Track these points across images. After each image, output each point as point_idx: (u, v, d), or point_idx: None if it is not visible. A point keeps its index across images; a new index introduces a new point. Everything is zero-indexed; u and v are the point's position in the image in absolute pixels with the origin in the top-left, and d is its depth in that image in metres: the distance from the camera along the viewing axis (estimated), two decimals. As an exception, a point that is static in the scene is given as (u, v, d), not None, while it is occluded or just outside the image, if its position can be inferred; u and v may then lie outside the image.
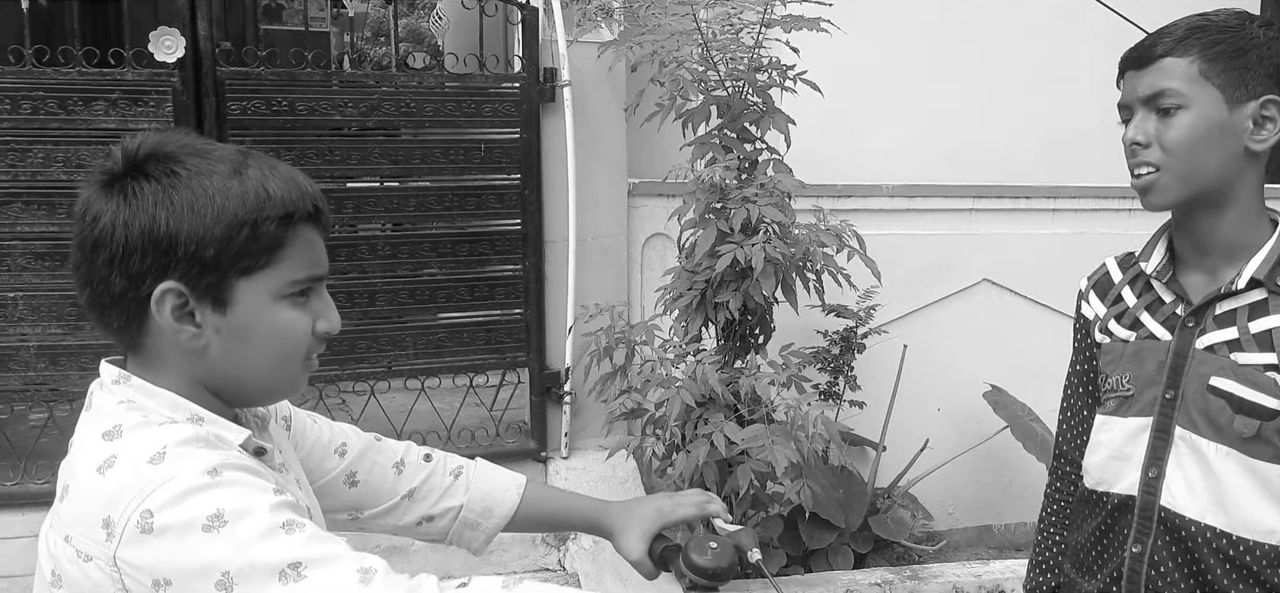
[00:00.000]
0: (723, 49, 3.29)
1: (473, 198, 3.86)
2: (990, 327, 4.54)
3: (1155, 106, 1.36)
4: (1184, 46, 1.34)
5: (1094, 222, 4.56)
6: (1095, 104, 4.61)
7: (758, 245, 3.08)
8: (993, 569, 3.54)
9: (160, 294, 0.99)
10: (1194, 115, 1.34)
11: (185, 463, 0.93)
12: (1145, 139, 1.37)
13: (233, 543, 0.90)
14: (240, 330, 1.03)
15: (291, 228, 1.03)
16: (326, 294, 1.11)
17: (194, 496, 0.91)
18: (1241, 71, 1.33)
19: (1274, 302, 1.36)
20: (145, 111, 3.41)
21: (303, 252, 1.05)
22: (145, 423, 0.98)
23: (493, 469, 1.49)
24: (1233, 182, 1.37)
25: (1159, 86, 1.35)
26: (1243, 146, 1.35)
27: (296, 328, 1.06)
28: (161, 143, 1.02)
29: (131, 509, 0.90)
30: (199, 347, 1.02)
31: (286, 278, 1.04)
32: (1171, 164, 1.36)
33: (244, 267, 1.01)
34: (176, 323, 1.01)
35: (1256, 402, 1.34)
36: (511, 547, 3.46)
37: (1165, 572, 1.44)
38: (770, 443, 2.99)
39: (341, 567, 0.93)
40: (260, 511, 0.93)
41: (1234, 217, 1.39)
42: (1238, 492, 1.37)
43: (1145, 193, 1.40)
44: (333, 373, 3.78)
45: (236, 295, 1.02)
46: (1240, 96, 1.33)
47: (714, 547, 1.33)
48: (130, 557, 0.90)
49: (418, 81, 3.78)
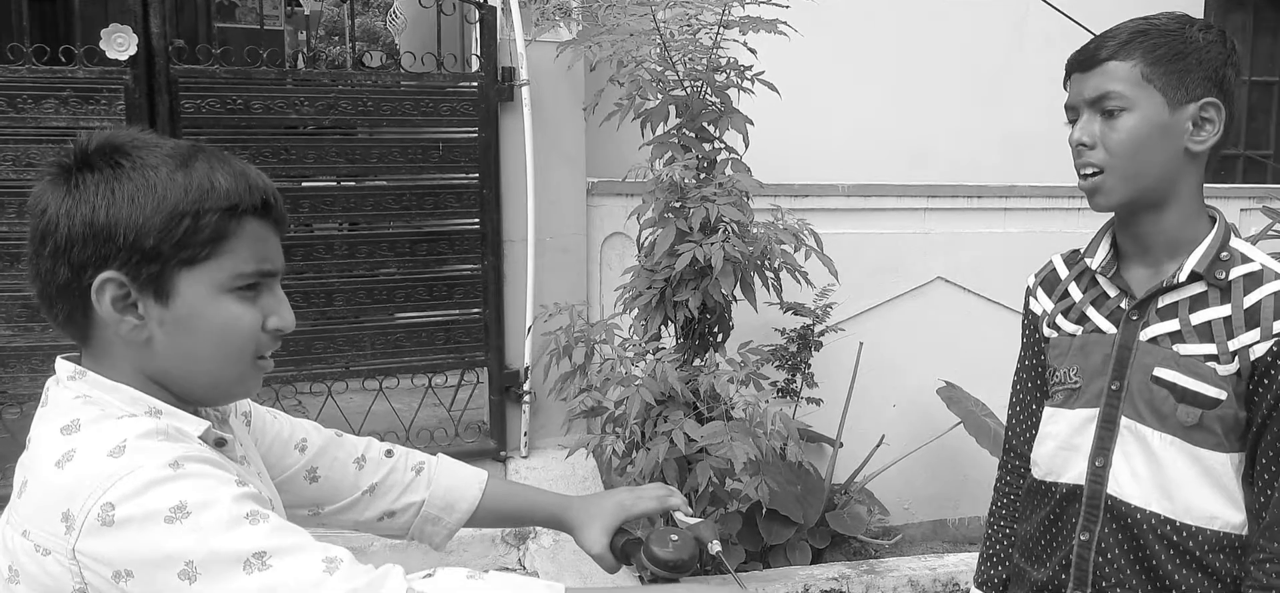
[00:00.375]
0: (681, 49, 3.31)
1: (431, 197, 3.84)
2: (944, 324, 4.61)
3: (1100, 108, 1.40)
4: (1127, 50, 1.38)
5: (1045, 220, 4.64)
6: (1045, 105, 4.71)
7: (717, 244, 3.10)
8: (948, 563, 3.59)
9: (100, 284, 0.99)
10: (1137, 118, 1.37)
11: (146, 456, 0.93)
12: (1091, 140, 1.41)
13: (196, 534, 0.90)
14: (183, 323, 1.02)
15: (236, 220, 1.02)
16: (280, 291, 1.10)
17: (156, 487, 0.91)
18: (1182, 74, 1.37)
19: (1212, 294, 1.40)
20: (97, 109, 3.36)
21: (249, 245, 1.04)
22: (103, 417, 0.98)
23: (454, 465, 1.49)
24: (1174, 181, 1.41)
25: (1103, 89, 1.39)
26: (1183, 147, 1.39)
27: (242, 321, 1.05)
28: (112, 137, 1.02)
29: (91, 502, 0.90)
30: (141, 339, 1.02)
31: (231, 271, 1.03)
32: (1116, 165, 1.39)
33: (185, 257, 1.00)
34: (118, 313, 1.00)
35: (1198, 391, 1.39)
36: (471, 546, 3.45)
37: (1112, 559, 1.48)
38: (729, 440, 3.01)
39: (306, 557, 0.93)
40: (223, 501, 0.93)
41: (1175, 215, 1.43)
42: (1181, 479, 1.42)
43: (1092, 193, 1.44)
44: (289, 374, 3.75)
45: (178, 287, 1.01)
46: (1180, 98, 1.37)
47: (675, 539, 1.35)
48: (90, 548, 0.90)
49: (374, 80, 3.76)
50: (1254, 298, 1.37)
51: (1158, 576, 1.44)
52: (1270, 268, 1.39)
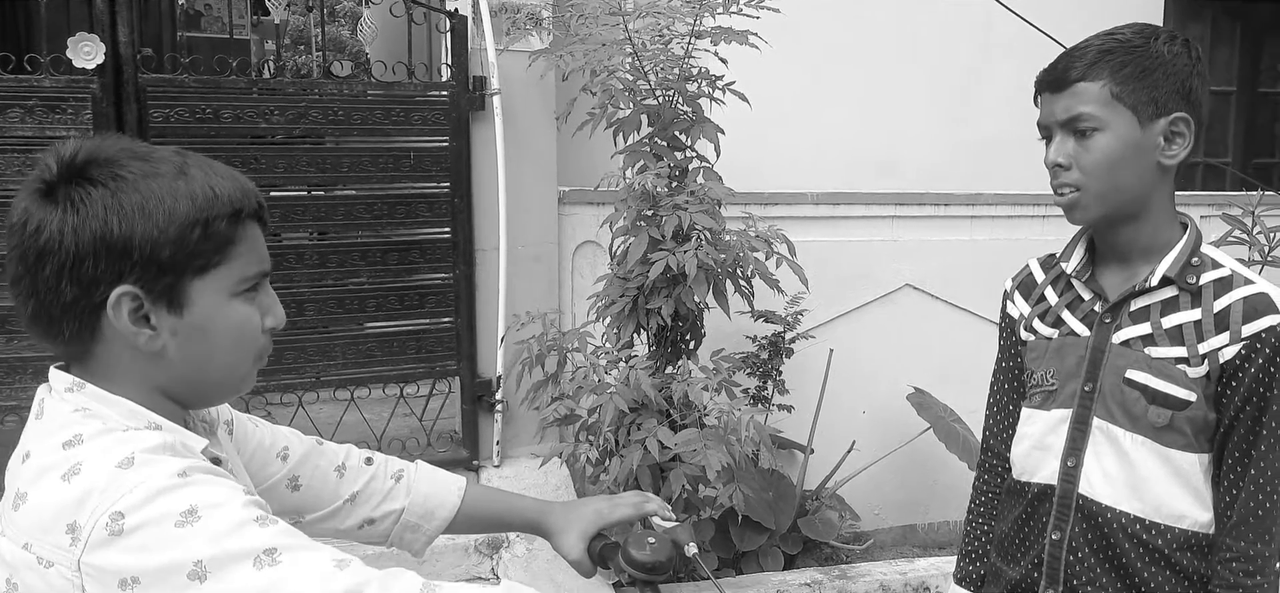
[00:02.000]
0: (653, 59, 3.33)
1: (402, 206, 3.83)
2: (913, 331, 4.65)
3: (1073, 129, 1.42)
4: (1095, 70, 1.40)
5: (1011, 228, 4.70)
6: (1010, 113, 4.76)
7: (690, 252, 3.12)
8: (918, 567, 3.63)
9: (117, 299, 0.98)
10: (1110, 137, 1.40)
11: (155, 469, 0.93)
12: (1066, 161, 1.43)
13: (205, 534, 0.90)
14: (197, 330, 1.03)
15: (239, 225, 1.04)
16: (271, 290, 1.12)
17: (165, 495, 0.91)
18: (1151, 90, 1.39)
19: (1183, 298, 1.44)
20: (63, 119, 3.32)
21: (251, 248, 1.06)
22: (106, 431, 0.97)
23: (433, 472, 1.49)
24: (1148, 194, 1.44)
25: (1075, 111, 1.41)
26: (1156, 162, 1.41)
27: (250, 323, 1.07)
28: (100, 148, 1.01)
29: (100, 512, 0.89)
30: (155, 349, 1.02)
31: (238, 274, 1.04)
32: (1091, 184, 1.42)
33: (199, 266, 1.01)
34: (133, 327, 1.00)
35: (1169, 393, 1.42)
36: (444, 556, 3.44)
37: (1083, 558, 1.51)
38: (703, 447, 3.03)
39: (316, 555, 0.94)
40: (233, 504, 0.93)
41: (1150, 224, 1.46)
42: (1152, 479, 1.45)
43: (1069, 211, 1.46)
44: (259, 384, 3.68)
45: (192, 295, 1.01)
46: (1151, 114, 1.39)
47: (652, 542, 1.36)
48: (97, 560, 0.89)
49: (344, 89, 3.75)
50: (1224, 302, 1.41)
51: (1127, 573, 1.47)
52: (1240, 273, 1.43)
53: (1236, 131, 6.03)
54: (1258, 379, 1.38)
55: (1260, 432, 1.39)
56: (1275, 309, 1.38)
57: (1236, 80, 5.99)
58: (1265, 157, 6.13)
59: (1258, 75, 6.04)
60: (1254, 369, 1.38)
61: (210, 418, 1.19)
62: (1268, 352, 1.37)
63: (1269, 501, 1.40)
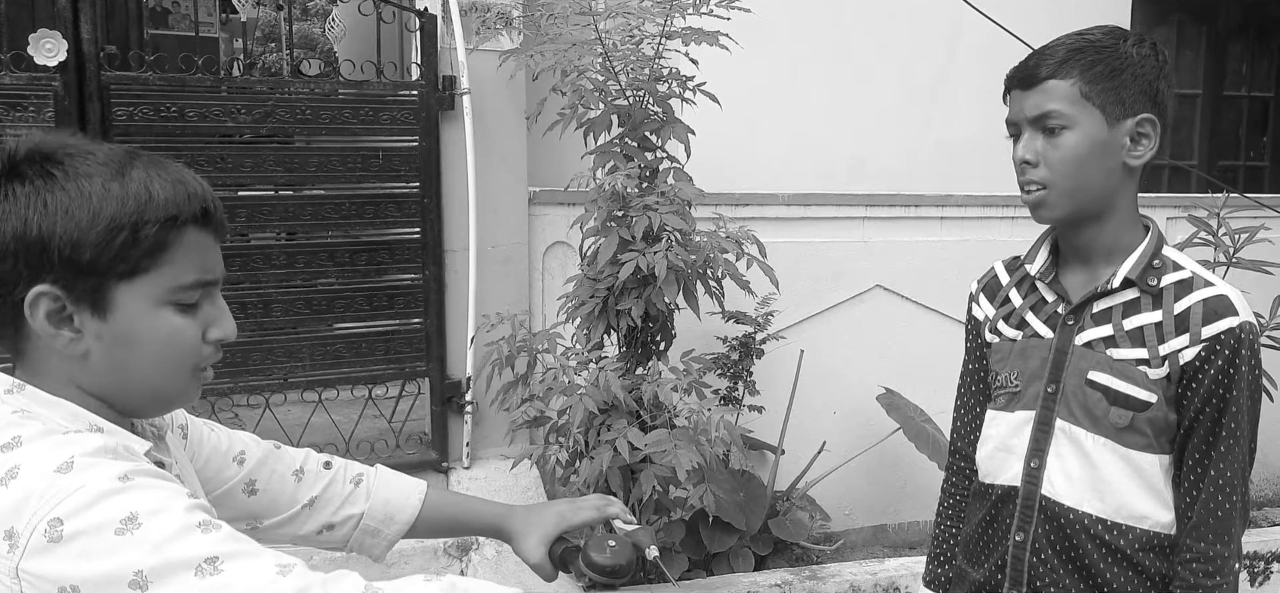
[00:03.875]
0: (623, 59, 3.32)
1: (371, 206, 3.80)
2: (883, 331, 4.67)
3: (1042, 126, 1.43)
4: (1066, 68, 1.41)
5: (980, 229, 4.73)
6: (980, 115, 4.82)
7: (660, 253, 3.11)
8: (888, 567, 3.64)
9: (33, 298, 0.96)
10: (1078, 135, 1.41)
11: (95, 473, 0.90)
12: (1034, 158, 1.44)
13: (147, 543, 0.88)
14: (122, 337, 1.00)
15: (176, 231, 1.00)
16: (221, 300, 1.08)
17: (105, 500, 0.88)
18: (1118, 90, 1.40)
19: (1145, 300, 1.45)
20: (25, 117, 3.27)
21: (189, 256, 1.02)
22: (46, 433, 0.95)
23: (393, 476, 1.48)
24: (1113, 194, 1.45)
25: (1044, 108, 1.42)
26: (1121, 162, 1.43)
27: (183, 335, 1.03)
28: (42, 143, 0.98)
29: (37, 518, 0.87)
30: (78, 352, 0.99)
31: (170, 283, 1.01)
32: (1058, 182, 1.43)
33: (123, 270, 0.98)
34: (53, 328, 0.97)
35: (1130, 394, 1.43)
36: (413, 558, 3.41)
37: (1046, 559, 1.52)
38: (673, 448, 3.02)
39: (259, 562, 0.92)
40: (175, 510, 0.91)
41: (1113, 225, 1.47)
42: (1113, 480, 1.46)
43: (1035, 208, 1.47)
44: (226, 386, 3.68)
45: (117, 300, 0.99)
46: (1118, 114, 1.41)
47: (613, 545, 1.35)
48: (35, 568, 0.87)
49: (313, 88, 3.71)
50: (1184, 304, 1.42)
51: (1090, 574, 1.48)
52: (1200, 276, 1.44)
53: (1202, 134, 6.10)
54: (1217, 381, 1.39)
55: (1220, 433, 1.40)
56: (1234, 311, 1.39)
57: (1202, 83, 6.07)
58: (1230, 159, 6.21)
59: (1223, 79, 6.12)
60: (1213, 371, 1.39)
61: (159, 423, 1.16)
62: (1227, 353, 1.38)
63: (1228, 501, 1.41)
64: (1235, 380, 1.39)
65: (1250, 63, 6.19)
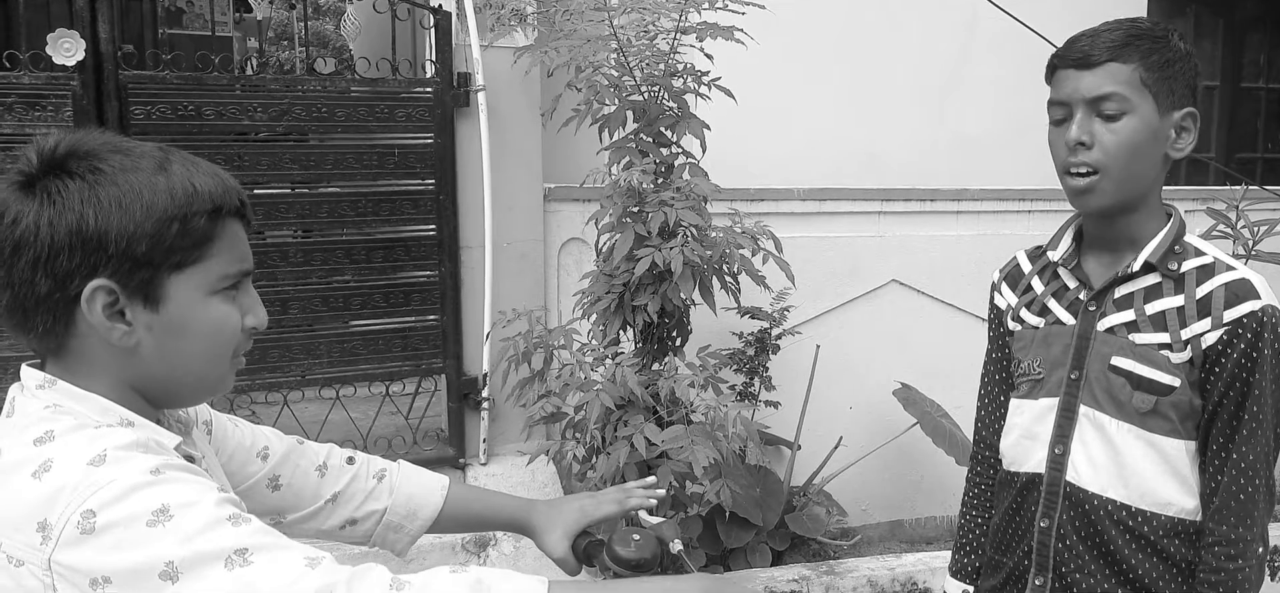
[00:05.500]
0: (638, 55, 3.32)
1: (386, 203, 3.81)
2: (899, 326, 4.66)
3: (1098, 110, 1.40)
4: (1127, 53, 1.39)
5: (996, 223, 4.71)
6: (995, 108, 4.80)
7: (676, 248, 3.11)
8: (906, 563, 3.63)
9: (91, 292, 0.97)
10: (1136, 122, 1.39)
11: (128, 466, 0.91)
12: (1089, 140, 1.41)
13: (177, 534, 0.88)
14: (173, 327, 1.02)
15: (220, 222, 1.03)
16: (253, 289, 1.11)
17: (137, 492, 0.89)
18: (1170, 82, 1.40)
19: (1167, 285, 1.44)
20: (44, 116, 3.29)
21: (231, 246, 1.05)
22: (78, 427, 0.96)
23: (416, 471, 1.48)
24: (1153, 184, 1.45)
25: (1106, 90, 1.39)
26: (1165, 153, 1.42)
27: (229, 322, 1.06)
28: (81, 141, 1.00)
29: (71, 510, 0.88)
30: (130, 345, 1.00)
31: (217, 272, 1.03)
32: (1112, 167, 1.40)
33: (175, 262, 1.00)
34: (108, 321, 0.99)
35: (1153, 379, 1.43)
36: (431, 554, 3.42)
37: (1071, 545, 1.51)
38: (690, 444, 3.02)
39: (288, 554, 0.93)
40: (206, 503, 0.92)
41: (1142, 214, 1.47)
42: (1137, 466, 1.46)
43: (1083, 194, 1.43)
44: (243, 383, 3.69)
45: (169, 291, 1.00)
46: (1169, 106, 1.40)
47: (637, 538, 1.35)
48: (68, 559, 0.88)
49: (328, 86, 3.72)
50: (1206, 289, 1.41)
51: (1115, 560, 1.48)
52: (1222, 261, 1.44)
53: (1220, 127, 6.06)
54: (1240, 364, 1.39)
55: (1243, 416, 1.40)
56: (1256, 295, 1.39)
57: (1220, 76, 6.02)
58: (1248, 151, 6.16)
59: (1240, 70, 6.07)
60: (1236, 354, 1.39)
61: (186, 418, 1.17)
62: (1249, 336, 1.38)
63: (1251, 484, 1.40)
64: (1258, 364, 1.38)
65: (1268, 54, 6.14)
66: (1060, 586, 1.54)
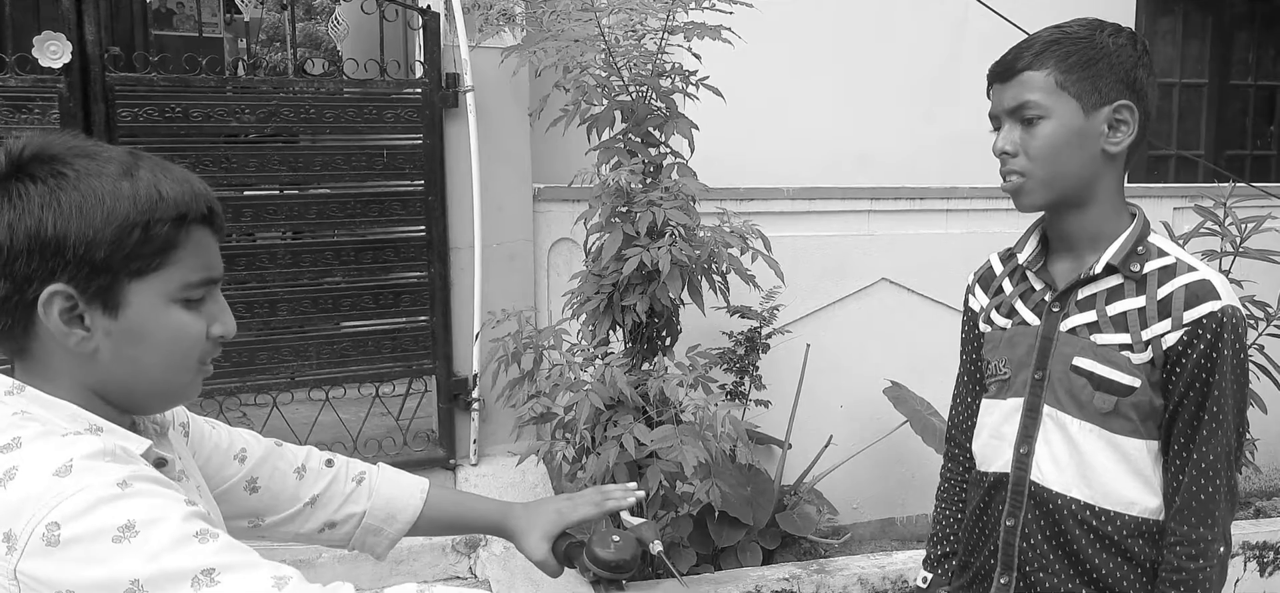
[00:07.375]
0: (626, 55, 3.32)
1: (375, 204, 3.81)
2: (889, 325, 4.67)
3: (1019, 117, 1.46)
4: (1041, 60, 1.44)
5: (985, 221, 4.73)
6: (984, 107, 4.80)
7: (664, 248, 3.11)
8: (896, 560, 3.63)
9: (47, 297, 0.96)
10: (1054, 125, 1.43)
11: (94, 476, 0.90)
12: (1012, 148, 1.47)
13: (143, 552, 0.88)
14: (132, 334, 1.01)
15: (184, 230, 1.02)
16: (221, 297, 1.10)
17: (103, 506, 0.89)
18: (1094, 79, 1.42)
19: (1128, 286, 1.46)
20: (30, 119, 3.28)
21: (196, 254, 1.03)
22: (45, 434, 0.95)
23: (396, 474, 1.48)
24: (1093, 181, 1.47)
25: (1021, 99, 1.45)
26: (1100, 149, 1.45)
27: (190, 331, 1.04)
28: (47, 144, 0.99)
29: (36, 521, 0.87)
30: (88, 350, 1.00)
31: (180, 280, 1.02)
32: (1036, 170, 1.45)
33: (135, 269, 0.99)
34: (65, 326, 0.98)
35: (1114, 379, 1.45)
36: (422, 555, 3.42)
37: (1035, 544, 1.54)
38: (679, 443, 3.02)
39: (256, 574, 0.92)
40: (172, 519, 0.91)
41: (1096, 212, 1.49)
42: (1099, 466, 1.48)
43: (1015, 196, 1.50)
44: (233, 385, 3.69)
45: (128, 298, 1.00)
46: (1094, 103, 1.43)
47: (616, 540, 1.36)
48: (33, 570, 0.87)
49: (317, 87, 3.72)
50: (1166, 290, 1.43)
51: (1079, 560, 1.50)
52: (1184, 261, 1.45)
53: (1208, 124, 6.07)
54: (1199, 365, 1.40)
55: (1203, 416, 1.41)
56: (1216, 295, 1.40)
57: (1208, 73, 6.04)
58: (1237, 148, 6.18)
59: (1229, 68, 6.09)
60: (1196, 355, 1.40)
61: (162, 420, 1.17)
62: (1209, 337, 1.39)
63: (1212, 484, 1.42)
64: (1218, 364, 1.39)
65: (1256, 51, 6.16)
66: (1024, 585, 1.56)
